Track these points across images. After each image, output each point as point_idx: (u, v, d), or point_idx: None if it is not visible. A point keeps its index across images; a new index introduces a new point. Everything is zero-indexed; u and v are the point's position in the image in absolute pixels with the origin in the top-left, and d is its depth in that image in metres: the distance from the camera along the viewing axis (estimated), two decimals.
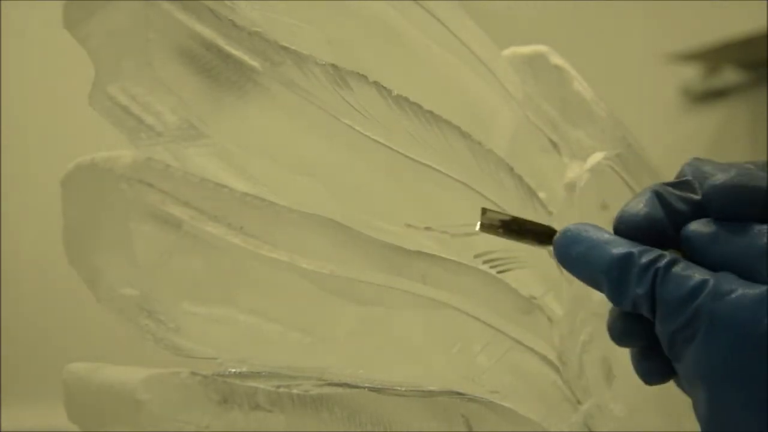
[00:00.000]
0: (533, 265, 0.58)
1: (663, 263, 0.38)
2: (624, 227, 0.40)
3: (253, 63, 0.49)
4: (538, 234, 0.43)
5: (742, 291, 0.36)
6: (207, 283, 0.49)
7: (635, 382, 0.42)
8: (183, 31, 0.49)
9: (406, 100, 0.53)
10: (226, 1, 0.49)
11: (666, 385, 0.43)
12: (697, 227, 0.39)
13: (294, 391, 0.48)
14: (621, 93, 1.25)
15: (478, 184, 0.56)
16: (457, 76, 0.58)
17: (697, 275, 0.37)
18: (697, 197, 0.39)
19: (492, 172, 0.56)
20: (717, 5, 1.63)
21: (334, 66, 0.51)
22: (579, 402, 0.58)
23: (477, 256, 0.55)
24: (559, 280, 0.58)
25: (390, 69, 0.54)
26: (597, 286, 0.40)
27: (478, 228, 0.43)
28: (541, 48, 0.64)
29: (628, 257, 0.39)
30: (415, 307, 0.53)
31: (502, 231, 0.44)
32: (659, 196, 0.40)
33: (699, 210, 0.39)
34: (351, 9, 0.54)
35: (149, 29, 0.48)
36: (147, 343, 0.49)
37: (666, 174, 0.62)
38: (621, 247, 0.39)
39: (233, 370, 0.49)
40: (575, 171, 0.59)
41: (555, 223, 0.45)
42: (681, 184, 0.40)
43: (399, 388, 0.51)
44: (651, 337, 0.39)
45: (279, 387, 0.48)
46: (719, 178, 0.38)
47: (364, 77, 0.52)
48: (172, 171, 0.48)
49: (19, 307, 1.78)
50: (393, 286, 0.52)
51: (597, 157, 0.59)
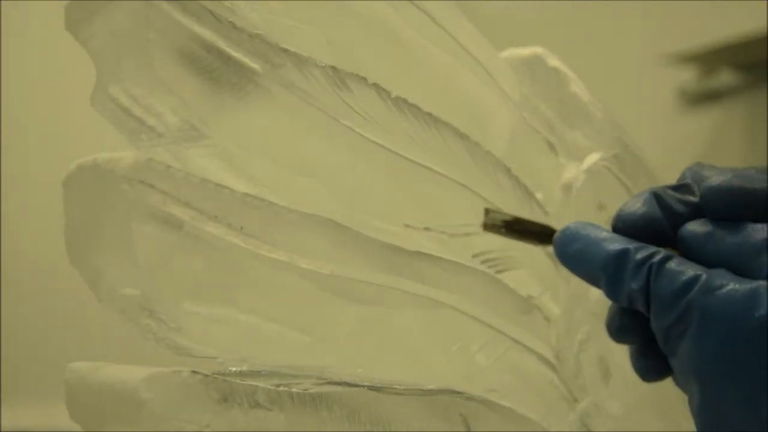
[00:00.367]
0: (530, 265, 0.58)
1: (657, 259, 0.38)
2: (622, 225, 0.40)
3: (254, 65, 0.49)
4: (539, 233, 0.44)
5: (733, 286, 0.36)
6: (208, 283, 0.49)
7: (632, 380, 0.42)
8: (183, 33, 0.49)
9: (405, 101, 0.53)
10: (225, 3, 0.50)
11: (663, 384, 0.43)
12: (694, 227, 0.39)
13: (294, 390, 0.48)
14: (618, 94, 1.25)
15: (476, 184, 0.56)
16: (455, 77, 0.58)
17: (690, 271, 0.37)
18: (696, 199, 0.40)
19: (490, 172, 0.57)
20: (715, 6, 1.63)
21: (333, 68, 0.51)
22: (576, 401, 0.58)
23: (475, 256, 0.56)
24: (557, 279, 0.59)
25: (389, 70, 0.54)
26: (595, 282, 0.41)
27: (481, 228, 0.44)
28: (539, 49, 0.64)
29: (624, 253, 0.39)
30: (415, 307, 0.53)
31: (504, 231, 0.44)
32: (658, 197, 0.40)
33: (697, 212, 0.40)
34: (350, 10, 0.54)
35: (150, 30, 0.48)
36: (148, 343, 0.49)
37: (662, 175, 0.62)
38: (618, 244, 0.40)
39: (233, 369, 0.49)
40: (572, 172, 0.60)
41: (552, 224, 0.45)
42: (680, 187, 0.41)
43: (398, 387, 0.51)
44: (648, 334, 0.40)
45: (279, 386, 0.48)
46: (716, 180, 0.39)
47: (363, 79, 0.52)
48: (173, 172, 0.49)
49: (20, 307, 1.77)
50: (393, 286, 0.52)
51: (593, 158, 0.60)
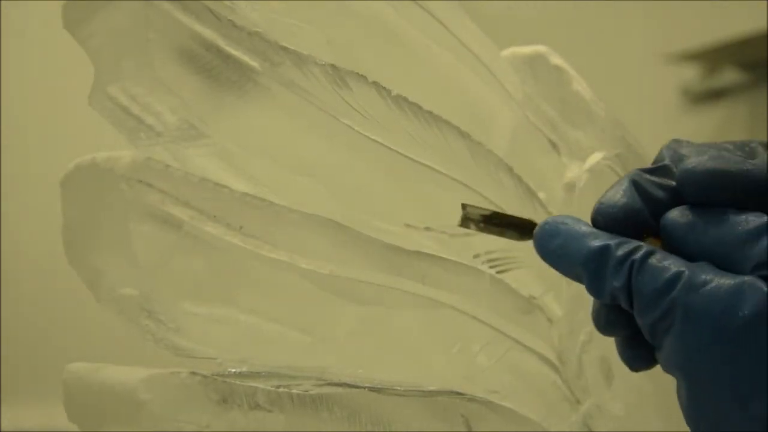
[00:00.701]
0: (532, 265, 0.58)
1: (639, 255, 0.37)
2: (602, 219, 0.39)
3: (253, 63, 0.49)
4: (519, 228, 0.43)
5: (716, 282, 0.35)
6: (207, 283, 0.49)
7: (634, 381, 0.42)
8: (183, 32, 0.49)
9: (405, 100, 0.53)
10: (225, 2, 0.49)
11: (664, 385, 0.42)
12: (675, 216, 0.38)
13: (294, 391, 0.48)
14: (620, 93, 1.25)
15: (477, 184, 0.56)
16: (457, 76, 0.58)
17: (673, 267, 0.36)
18: (674, 183, 0.39)
19: (491, 172, 0.56)
20: (717, 5, 1.63)
21: (333, 66, 0.51)
22: (578, 402, 0.58)
23: (476, 256, 0.55)
24: (559, 280, 0.58)
25: (389, 69, 0.54)
26: (578, 279, 0.40)
27: (458, 224, 0.43)
28: (541, 48, 0.64)
29: (604, 250, 0.38)
30: (415, 307, 0.53)
31: (483, 225, 0.43)
32: (636, 184, 0.39)
33: (677, 196, 0.39)
34: (351, 9, 0.54)
35: (149, 29, 0.48)
36: (147, 344, 0.49)
37: None
38: (598, 240, 0.38)
39: (233, 370, 0.49)
40: (574, 171, 0.59)
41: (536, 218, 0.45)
42: (658, 169, 0.40)
43: (399, 387, 0.51)
44: (634, 326, 0.39)
45: (279, 387, 0.48)
46: (691, 162, 0.38)
47: (363, 77, 0.52)
48: (171, 171, 0.48)
49: (19, 307, 1.77)
50: (393, 286, 0.52)
51: (596, 158, 0.59)
